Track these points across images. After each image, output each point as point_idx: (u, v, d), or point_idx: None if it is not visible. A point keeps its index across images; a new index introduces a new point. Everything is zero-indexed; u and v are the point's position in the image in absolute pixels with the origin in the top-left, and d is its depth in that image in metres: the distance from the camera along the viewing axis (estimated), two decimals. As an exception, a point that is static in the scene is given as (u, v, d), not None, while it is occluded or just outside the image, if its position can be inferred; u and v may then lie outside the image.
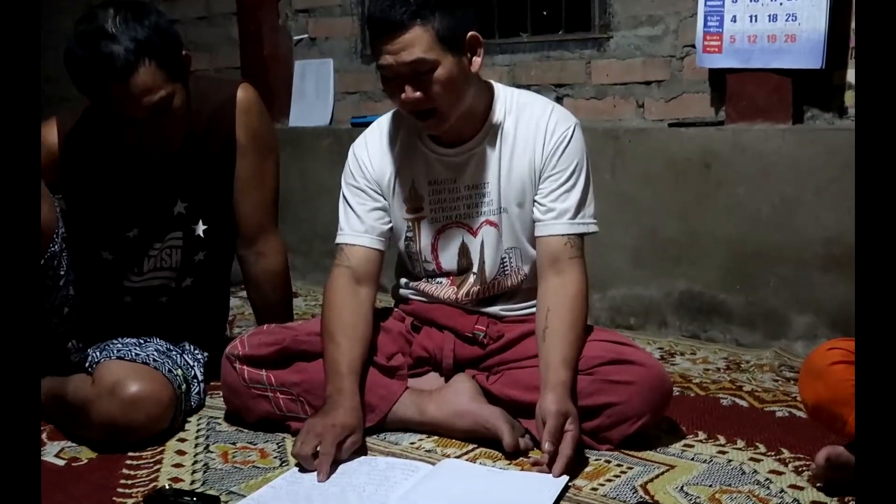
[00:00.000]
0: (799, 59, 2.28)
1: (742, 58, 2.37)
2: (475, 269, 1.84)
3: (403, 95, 1.66)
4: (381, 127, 1.87)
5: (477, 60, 1.71)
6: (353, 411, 1.65)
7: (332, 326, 1.76)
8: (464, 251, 1.85)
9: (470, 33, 1.68)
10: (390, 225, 1.85)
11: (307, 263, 3.30)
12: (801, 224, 2.27)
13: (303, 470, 1.59)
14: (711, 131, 2.41)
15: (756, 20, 2.33)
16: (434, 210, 1.83)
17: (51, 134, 1.87)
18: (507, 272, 1.85)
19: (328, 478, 1.55)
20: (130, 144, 1.79)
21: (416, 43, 1.61)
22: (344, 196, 1.86)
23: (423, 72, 1.63)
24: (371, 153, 1.84)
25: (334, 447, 1.58)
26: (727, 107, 2.42)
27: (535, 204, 1.78)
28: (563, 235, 1.75)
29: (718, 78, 2.47)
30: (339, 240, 1.85)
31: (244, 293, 2.33)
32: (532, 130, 1.77)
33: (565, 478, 1.53)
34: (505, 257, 1.84)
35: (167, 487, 1.36)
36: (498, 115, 1.79)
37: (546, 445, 1.54)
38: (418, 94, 1.65)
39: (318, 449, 1.58)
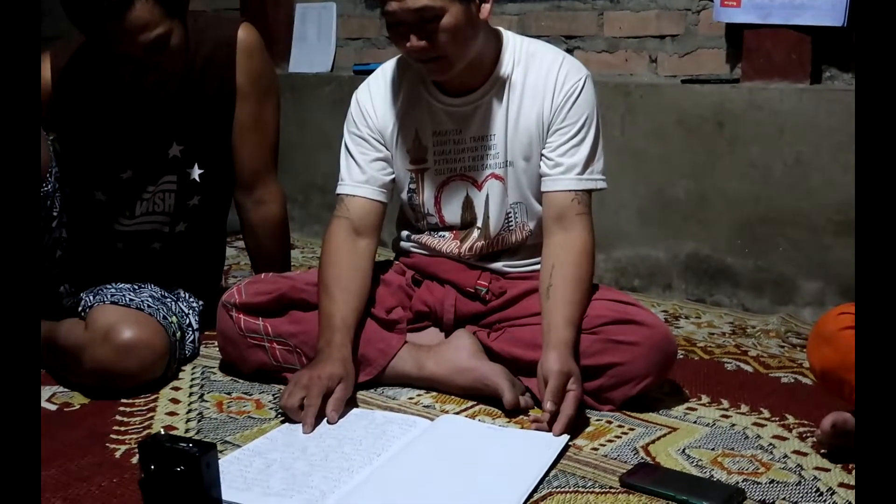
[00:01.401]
0: (820, 16, 2.21)
1: (761, 13, 2.30)
2: (479, 223, 1.81)
3: (408, 44, 1.61)
4: (385, 74, 1.82)
5: (486, 7, 1.65)
6: (341, 362, 1.62)
7: (327, 278, 1.73)
8: (468, 205, 1.81)
9: None
10: (392, 176, 1.80)
11: (305, 215, 3.26)
12: (815, 187, 2.23)
13: (290, 422, 1.57)
14: (726, 89, 2.36)
15: (777, -26, 2.27)
16: (438, 162, 1.79)
17: (44, 69, 1.81)
18: (511, 227, 1.81)
19: (313, 429, 1.54)
20: (126, 83, 1.74)
21: None
22: (345, 145, 1.82)
23: (429, 19, 1.58)
24: (375, 101, 1.79)
25: (320, 398, 1.56)
26: (743, 64, 2.37)
27: (543, 158, 1.74)
28: (570, 191, 1.71)
29: (735, 34, 2.41)
30: (339, 190, 1.81)
31: (240, 243, 2.30)
32: (541, 81, 1.72)
33: (566, 437, 1.51)
34: (510, 212, 1.80)
35: (162, 433, 1.35)
36: (506, 64, 1.74)
37: (547, 405, 1.52)
38: (423, 42, 1.60)
39: (304, 401, 1.56)
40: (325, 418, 1.57)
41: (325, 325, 1.68)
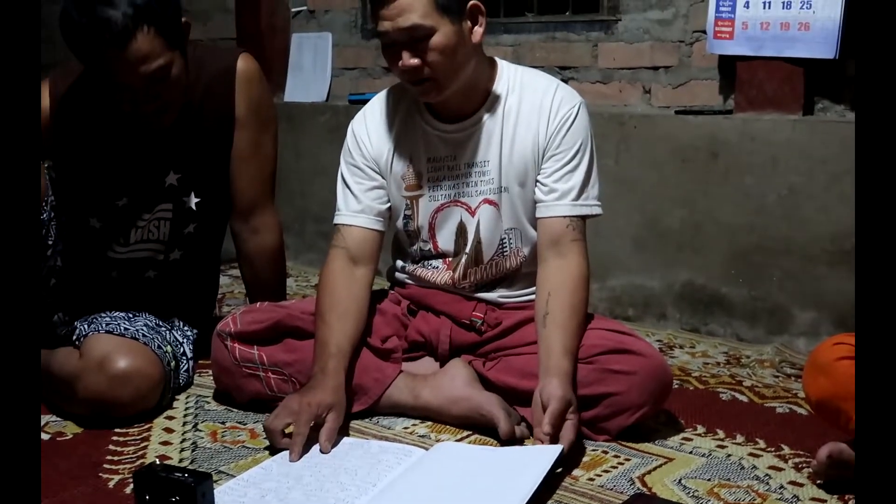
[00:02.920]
0: (812, 49, 2.24)
1: (754, 45, 2.33)
2: (467, 249, 1.81)
3: (400, 63, 1.63)
4: (380, 102, 1.83)
5: (478, 31, 1.68)
6: (332, 390, 1.61)
7: (323, 307, 1.73)
8: (461, 231, 1.81)
9: (471, 2, 1.66)
10: (388, 204, 1.81)
11: (300, 243, 3.26)
12: (808, 217, 2.24)
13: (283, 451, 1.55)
14: (719, 119, 2.38)
15: (769, 7, 2.29)
16: (432, 188, 1.80)
17: (42, 97, 1.81)
18: (505, 253, 1.81)
19: (300, 458, 1.52)
20: (124, 112, 1.75)
21: (412, 8, 1.59)
22: (342, 175, 1.83)
23: (420, 38, 1.60)
24: (370, 130, 1.81)
25: (308, 427, 1.55)
26: (736, 95, 2.39)
27: (538, 184, 1.75)
28: (564, 217, 1.72)
29: (728, 65, 2.43)
30: (335, 220, 1.82)
31: (234, 271, 2.30)
32: (536, 108, 1.74)
33: (559, 447, 1.48)
34: (504, 237, 1.80)
35: (157, 463, 1.34)
36: (501, 91, 1.75)
37: (546, 427, 1.50)
38: (415, 60, 1.62)
39: (292, 428, 1.55)
40: (318, 447, 1.56)
41: (319, 352, 1.68)
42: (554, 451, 1.48)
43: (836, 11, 2.20)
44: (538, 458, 1.47)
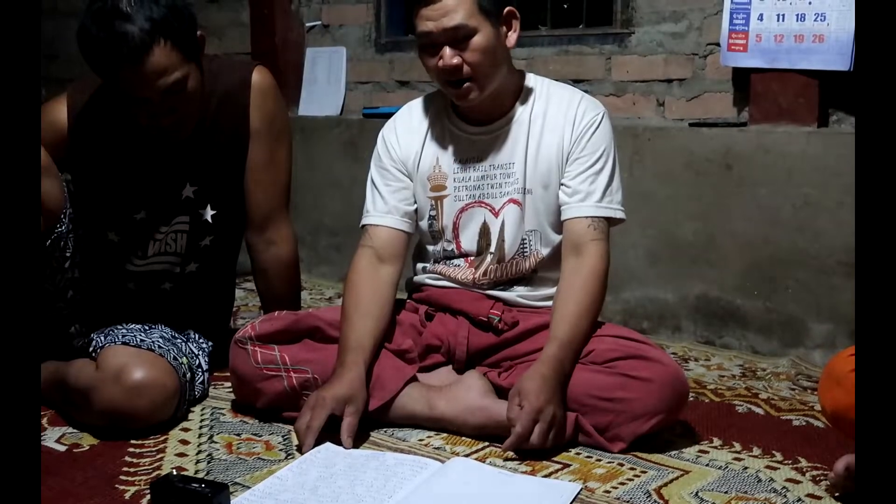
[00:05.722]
0: (826, 61, 2.24)
1: (768, 57, 2.33)
2: (493, 248, 1.84)
3: (441, 62, 1.67)
4: (410, 109, 1.91)
5: (513, 36, 1.75)
6: (349, 383, 1.64)
7: (348, 305, 1.78)
8: (484, 231, 1.85)
9: (508, 8, 1.72)
10: (415, 206, 1.86)
11: (313, 256, 3.27)
12: (823, 229, 2.23)
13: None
14: (734, 132, 2.38)
15: (783, 19, 2.30)
16: (458, 189, 1.84)
17: (60, 111, 1.84)
18: (526, 254, 1.85)
19: (310, 449, 1.57)
20: (142, 125, 1.76)
21: (457, 8, 1.65)
22: (371, 178, 1.89)
23: (462, 38, 1.66)
24: (399, 133, 1.87)
25: (322, 420, 1.59)
26: (751, 107, 2.39)
27: (562, 187, 1.79)
28: (587, 217, 1.76)
29: (742, 77, 2.43)
30: (363, 221, 1.88)
31: (248, 284, 2.31)
32: (562, 114, 1.80)
33: (578, 486, 1.50)
34: (525, 238, 1.84)
35: (174, 474, 1.35)
36: (528, 96, 1.82)
37: (518, 428, 1.56)
38: (457, 59, 1.67)
39: (308, 422, 1.60)
40: (332, 458, 1.57)
41: (340, 348, 1.72)
42: (572, 489, 1.48)
43: (851, 23, 2.20)
44: (555, 495, 1.47)
